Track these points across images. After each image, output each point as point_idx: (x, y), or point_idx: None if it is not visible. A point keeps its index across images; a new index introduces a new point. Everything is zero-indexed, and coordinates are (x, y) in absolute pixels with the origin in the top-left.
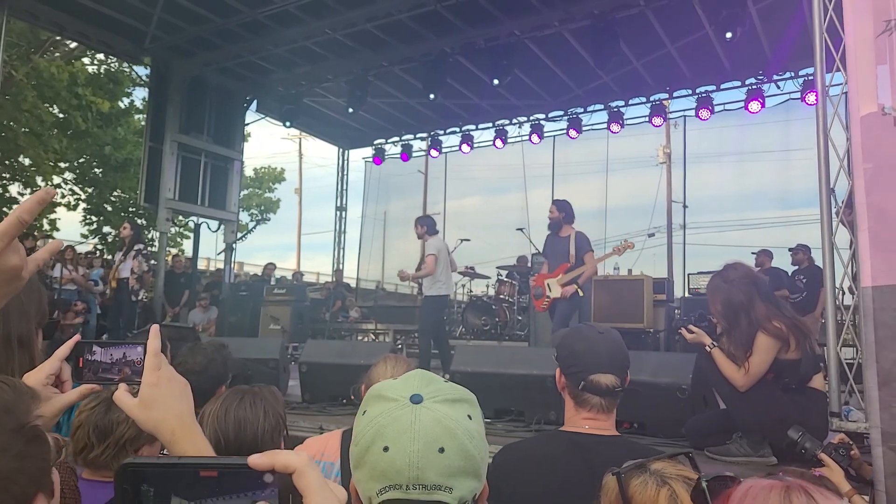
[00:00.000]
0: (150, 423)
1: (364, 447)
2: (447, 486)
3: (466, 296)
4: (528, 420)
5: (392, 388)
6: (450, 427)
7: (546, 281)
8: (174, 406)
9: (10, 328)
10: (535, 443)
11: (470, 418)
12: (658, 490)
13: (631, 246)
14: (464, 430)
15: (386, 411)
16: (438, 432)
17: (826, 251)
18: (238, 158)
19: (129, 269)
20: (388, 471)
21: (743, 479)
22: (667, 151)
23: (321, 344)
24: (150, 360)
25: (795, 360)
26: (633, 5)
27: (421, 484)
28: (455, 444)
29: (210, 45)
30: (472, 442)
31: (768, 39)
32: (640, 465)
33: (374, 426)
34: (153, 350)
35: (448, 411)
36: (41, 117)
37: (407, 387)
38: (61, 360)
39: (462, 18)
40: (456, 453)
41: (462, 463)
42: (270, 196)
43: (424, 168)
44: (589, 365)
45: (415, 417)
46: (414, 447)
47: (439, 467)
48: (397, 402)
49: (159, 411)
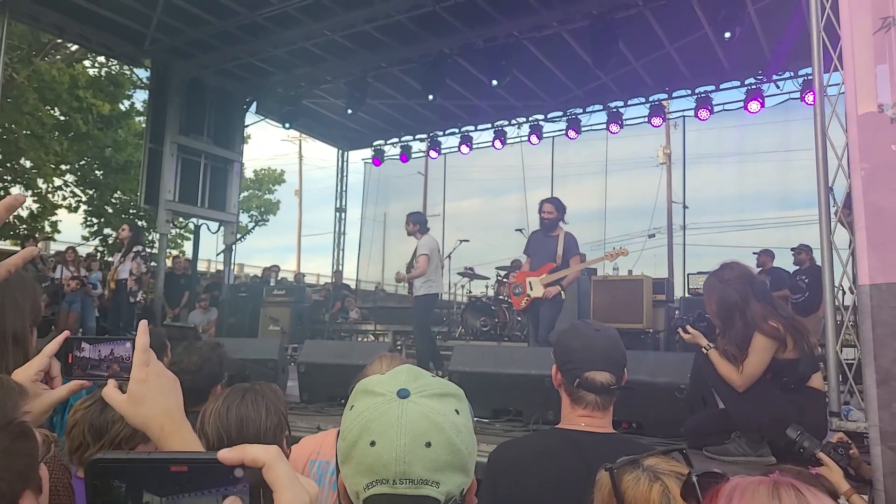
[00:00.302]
0: (138, 419)
1: (351, 442)
2: (434, 481)
3: (466, 297)
4: (526, 420)
5: (379, 382)
6: (437, 421)
7: (528, 279)
8: (163, 402)
9: (4, 325)
10: (531, 439)
11: (457, 413)
12: (650, 486)
13: (624, 253)
14: (451, 425)
15: (373, 406)
16: (425, 427)
17: (825, 251)
18: (238, 160)
19: (127, 270)
20: (375, 465)
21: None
22: (666, 152)
23: (319, 344)
24: (138, 356)
25: (794, 359)
26: (632, 5)
27: (408, 478)
28: (442, 439)
29: (209, 47)
30: (460, 436)
31: (767, 39)
32: (632, 460)
33: (361, 421)
34: (141, 346)
35: (435, 406)
36: (42, 120)
37: (394, 381)
38: (50, 356)
39: (461, 19)
40: (443, 448)
41: (449, 457)
42: (270, 198)
43: (424, 169)
44: (584, 362)
45: (402, 412)
46: (401, 441)
47: (426, 462)
48: (384, 396)
49: (148, 407)
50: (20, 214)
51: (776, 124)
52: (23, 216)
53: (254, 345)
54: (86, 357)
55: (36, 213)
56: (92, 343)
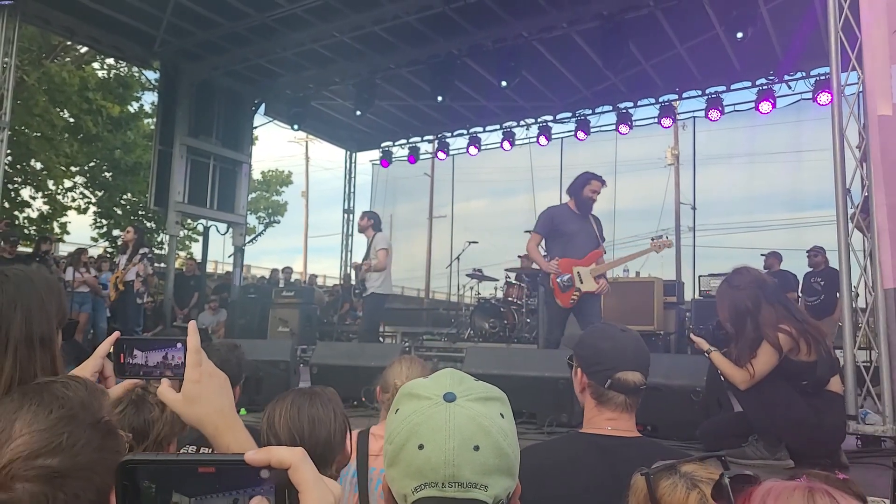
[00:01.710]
0: (193, 418)
1: (399, 445)
2: (482, 485)
3: (474, 298)
4: (539, 422)
5: (424, 386)
6: (484, 425)
7: (575, 268)
8: (216, 401)
9: (31, 328)
10: (555, 445)
11: (502, 416)
12: (688, 493)
13: (669, 244)
14: (498, 429)
15: (420, 409)
16: (473, 430)
17: (842, 253)
18: (246, 161)
19: (134, 272)
20: (424, 468)
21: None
22: (675, 153)
23: (332, 346)
24: (191, 356)
25: (811, 362)
26: (643, 6)
27: (457, 482)
28: (490, 442)
29: (219, 49)
30: (506, 440)
31: (779, 39)
32: (669, 466)
33: (408, 424)
34: (194, 347)
35: (481, 409)
36: (52, 121)
37: (439, 385)
38: (103, 357)
39: (469, 20)
40: (491, 451)
41: (497, 461)
42: (278, 199)
43: (431, 170)
44: (616, 362)
45: (449, 415)
46: (449, 445)
47: (475, 465)
48: (430, 400)
49: (202, 406)
50: (30, 216)
51: (787, 125)
52: (33, 217)
53: (265, 346)
54: (137, 356)
55: (46, 214)
56: (142, 343)
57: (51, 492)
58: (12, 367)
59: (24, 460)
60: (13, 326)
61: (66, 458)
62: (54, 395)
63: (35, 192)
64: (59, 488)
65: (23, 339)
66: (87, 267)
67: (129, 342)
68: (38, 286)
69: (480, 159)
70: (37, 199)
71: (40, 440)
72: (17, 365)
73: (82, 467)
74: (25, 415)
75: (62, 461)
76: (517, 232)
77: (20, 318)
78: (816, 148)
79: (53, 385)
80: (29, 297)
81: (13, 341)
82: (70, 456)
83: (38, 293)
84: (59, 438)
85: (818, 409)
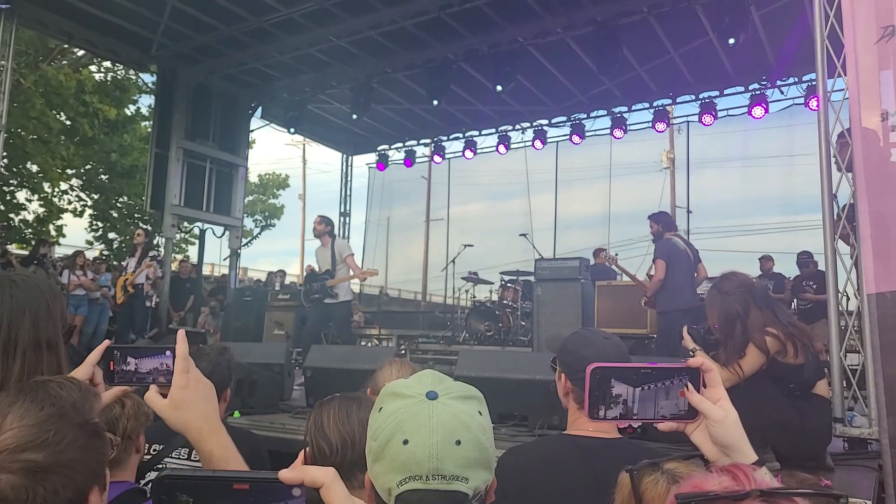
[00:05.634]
0: (179, 423)
1: (384, 441)
2: (464, 477)
3: (470, 301)
4: (531, 425)
5: (406, 385)
6: (465, 421)
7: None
8: (201, 407)
9: (39, 333)
10: (539, 445)
11: (480, 414)
12: (668, 488)
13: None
14: (477, 425)
15: (403, 407)
16: (455, 426)
17: (829, 256)
18: (243, 165)
19: (144, 275)
20: (409, 462)
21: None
22: (670, 157)
23: (326, 349)
24: (179, 363)
25: (798, 365)
26: (636, 12)
27: (440, 475)
28: (470, 437)
29: (216, 53)
30: (485, 435)
31: (771, 45)
32: (653, 464)
33: (392, 421)
34: (182, 354)
35: (462, 407)
36: (49, 124)
37: (421, 384)
38: (93, 364)
39: (465, 25)
40: (471, 446)
41: (477, 455)
42: (274, 202)
43: (428, 174)
44: None
45: (432, 412)
46: (433, 440)
47: (457, 459)
48: (413, 398)
49: (188, 412)
50: (26, 218)
51: (780, 129)
52: (29, 220)
53: (260, 349)
54: (126, 363)
55: (42, 216)
56: (131, 350)
57: (31, 485)
58: (20, 370)
59: (10, 453)
60: (22, 331)
61: (51, 454)
62: (48, 393)
63: (31, 194)
64: (39, 482)
65: (31, 343)
66: (83, 269)
67: (121, 350)
68: (44, 292)
69: (476, 163)
70: (33, 201)
71: (28, 435)
72: (25, 368)
73: (65, 464)
74: (18, 410)
75: (46, 456)
76: (512, 235)
77: (29, 323)
78: (809, 152)
79: (49, 384)
80: (37, 302)
81: (22, 345)
82: (55, 452)
83: (45, 299)
84: (46, 434)
85: (803, 411)
